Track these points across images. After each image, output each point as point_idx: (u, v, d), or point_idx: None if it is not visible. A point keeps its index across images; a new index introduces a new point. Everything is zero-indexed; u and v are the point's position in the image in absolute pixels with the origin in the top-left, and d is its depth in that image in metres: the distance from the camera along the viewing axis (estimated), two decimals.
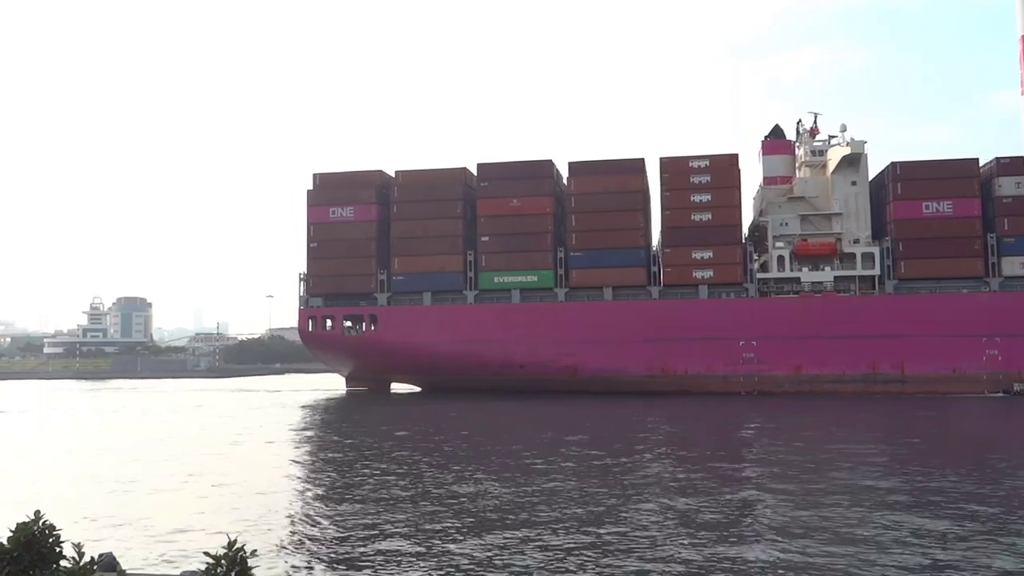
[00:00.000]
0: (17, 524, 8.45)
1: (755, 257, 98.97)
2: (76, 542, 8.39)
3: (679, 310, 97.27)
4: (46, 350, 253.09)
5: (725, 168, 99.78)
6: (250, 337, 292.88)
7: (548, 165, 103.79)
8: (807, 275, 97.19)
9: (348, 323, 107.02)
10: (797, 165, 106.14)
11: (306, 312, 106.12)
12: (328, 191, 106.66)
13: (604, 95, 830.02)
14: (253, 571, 7.94)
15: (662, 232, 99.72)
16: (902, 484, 32.61)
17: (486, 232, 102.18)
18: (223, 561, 7.72)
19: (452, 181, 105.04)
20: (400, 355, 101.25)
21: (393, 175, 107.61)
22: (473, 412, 74.21)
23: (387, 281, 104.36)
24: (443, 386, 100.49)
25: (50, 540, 8.35)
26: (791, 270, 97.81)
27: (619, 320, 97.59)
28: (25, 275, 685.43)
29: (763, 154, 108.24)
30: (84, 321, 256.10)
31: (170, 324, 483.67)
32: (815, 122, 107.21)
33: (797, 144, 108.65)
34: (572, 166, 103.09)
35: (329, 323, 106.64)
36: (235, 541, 8.01)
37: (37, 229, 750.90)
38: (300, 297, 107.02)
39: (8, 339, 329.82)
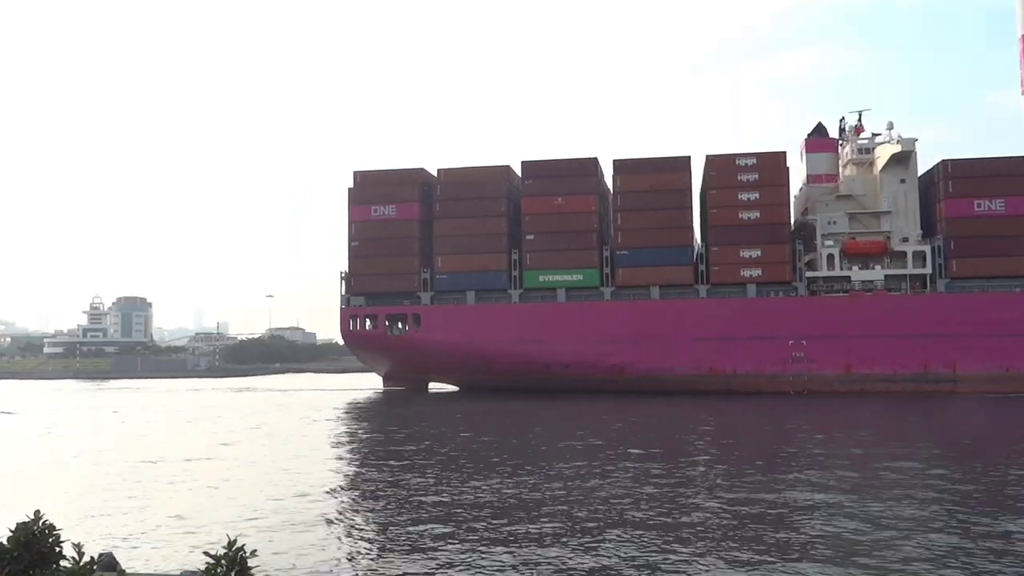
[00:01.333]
0: (17, 524, 8.39)
1: (802, 256, 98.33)
2: (76, 542, 8.34)
3: (727, 309, 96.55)
4: (46, 350, 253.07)
5: (773, 166, 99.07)
6: (250, 337, 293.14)
7: (593, 163, 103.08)
8: (857, 274, 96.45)
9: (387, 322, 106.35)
10: (842, 163, 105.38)
11: (348, 311, 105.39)
12: (369, 189, 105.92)
13: (602, 96, 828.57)
14: (253, 571, 7.88)
15: (709, 230, 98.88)
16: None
17: (530, 230, 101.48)
18: (223, 561, 7.66)
19: (495, 179, 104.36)
20: (443, 354, 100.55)
21: (435, 173, 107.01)
22: (531, 411, 73.52)
23: (430, 280, 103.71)
24: (483, 386, 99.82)
25: (50, 540, 8.31)
26: (841, 269, 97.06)
27: (667, 319, 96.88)
28: (25, 275, 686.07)
29: (806, 152, 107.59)
30: (84, 321, 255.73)
31: (170, 324, 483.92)
32: (859, 120, 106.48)
33: (841, 142, 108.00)
34: (617, 164, 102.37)
35: (368, 323, 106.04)
36: (235, 541, 7.93)
37: (37, 229, 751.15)
38: (341, 296, 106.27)
39: (8, 339, 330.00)
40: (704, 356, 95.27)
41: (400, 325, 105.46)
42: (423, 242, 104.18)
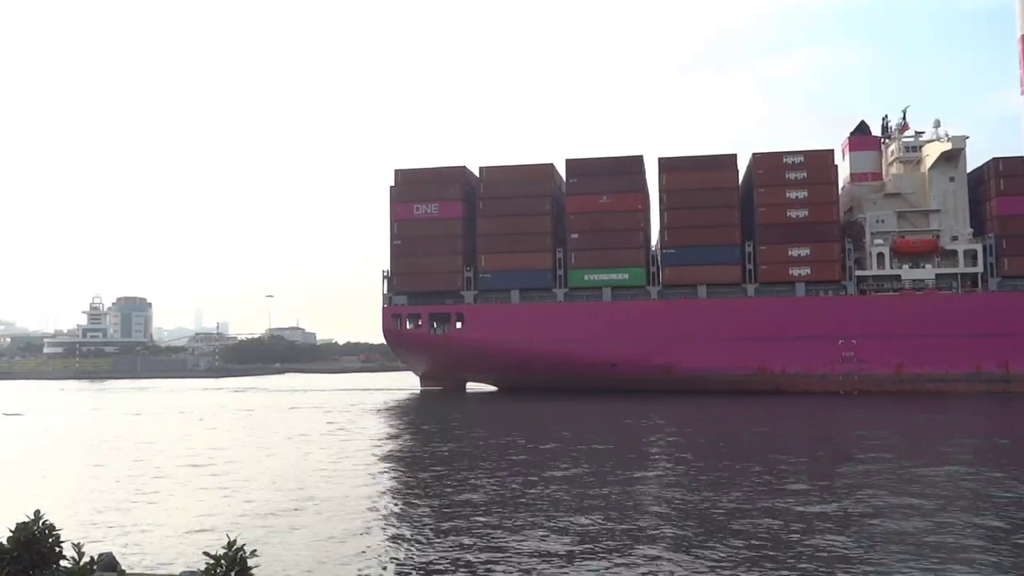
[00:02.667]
0: (17, 524, 8.33)
1: (851, 254, 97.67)
2: (76, 542, 8.30)
3: (776, 308, 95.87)
4: (46, 350, 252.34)
5: (821, 164, 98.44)
6: (250, 337, 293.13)
7: (638, 161, 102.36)
8: (908, 272, 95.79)
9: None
10: (888, 161, 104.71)
11: (390, 310, 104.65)
12: (411, 188, 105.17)
13: (603, 96, 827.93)
14: (253, 571, 7.84)
15: (756, 229, 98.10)
16: None
17: (575, 229, 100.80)
18: (223, 561, 7.61)
19: (540, 177, 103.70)
20: (487, 354, 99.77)
21: (476, 171, 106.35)
22: (592, 412, 72.71)
23: (474, 279, 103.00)
24: (524, 386, 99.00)
25: (50, 540, 8.27)
26: (891, 267, 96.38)
27: (715, 318, 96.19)
28: (25, 275, 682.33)
29: (849, 150, 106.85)
30: (84, 321, 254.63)
31: (170, 324, 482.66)
32: (904, 118, 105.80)
33: (883, 140, 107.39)
34: (663, 162, 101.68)
35: (410, 322, 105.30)
36: (235, 541, 7.90)
37: (37, 229, 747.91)
38: (384, 295, 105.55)
39: (8, 339, 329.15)
40: (752, 356, 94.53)
41: (441, 324, 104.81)
42: (466, 241, 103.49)
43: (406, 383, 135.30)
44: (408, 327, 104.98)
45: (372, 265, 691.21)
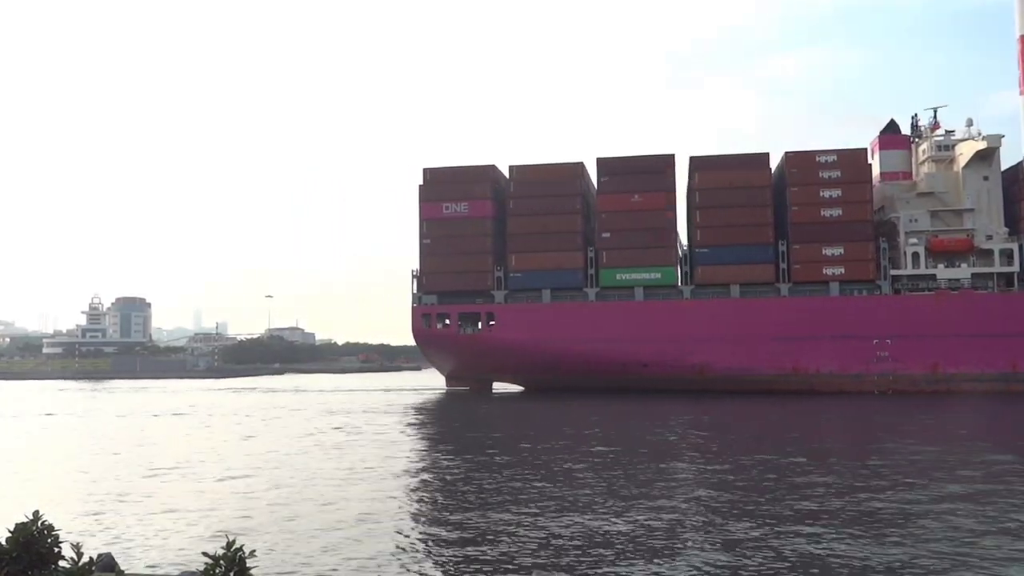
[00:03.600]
0: (16, 524, 8.33)
1: (886, 253, 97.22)
2: (75, 542, 8.29)
3: (810, 307, 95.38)
4: (45, 350, 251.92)
5: (854, 163, 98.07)
6: (249, 337, 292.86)
7: (670, 160, 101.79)
8: (943, 272, 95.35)
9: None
10: (920, 160, 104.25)
11: (419, 309, 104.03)
12: (440, 187, 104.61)
13: (584, 97, 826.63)
14: (251, 571, 7.83)
15: (789, 228, 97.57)
16: None
17: (607, 228, 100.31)
18: (222, 561, 7.61)
19: (570, 176, 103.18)
20: (519, 354, 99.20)
21: (505, 170, 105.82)
22: (634, 412, 72.16)
23: (504, 278, 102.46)
24: (555, 386, 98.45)
25: (49, 540, 8.28)
26: (925, 267, 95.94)
27: (748, 318, 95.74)
28: (24, 275, 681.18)
29: (879, 149, 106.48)
30: (83, 321, 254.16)
31: (169, 324, 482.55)
32: (935, 117, 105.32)
33: (913, 139, 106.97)
34: (694, 161, 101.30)
35: (439, 321, 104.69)
36: (234, 541, 7.87)
37: (37, 229, 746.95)
38: (413, 294, 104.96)
39: (7, 339, 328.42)
40: (786, 355, 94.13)
41: (469, 324, 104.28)
42: (496, 240, 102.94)
43: (416, 382, 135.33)
44: (438, 326, 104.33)
45: (372, 264, 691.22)
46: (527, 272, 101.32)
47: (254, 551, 8.07)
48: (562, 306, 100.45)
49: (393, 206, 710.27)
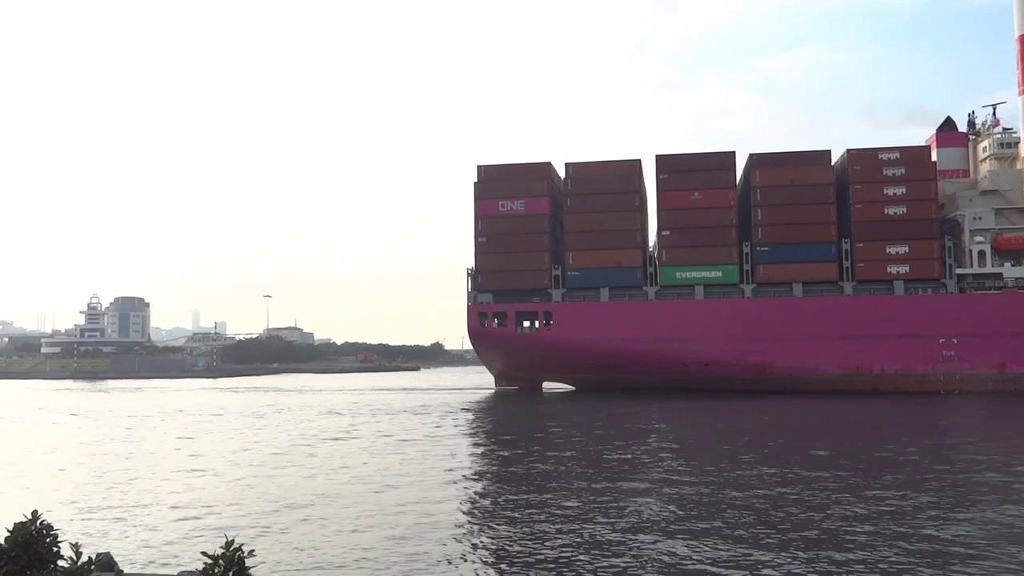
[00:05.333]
0: (15, 524, 8.34)
1: (951, 252, 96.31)
2: (74, 542, 8.28)
3: (875, 306, 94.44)
4: (44, 350, 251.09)
5: (919, 160, 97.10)
6: (248, 337, 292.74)
7: (731, 157, 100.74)
8: (1010, 271, 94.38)
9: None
10: (980, 158, 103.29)
11: (476, 308, 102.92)
12: (495, 184, 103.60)
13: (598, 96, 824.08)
14: (251, 571, 7.79)
15: (852, 226, 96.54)
16: None
17: (667, 226, 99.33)
18: (221, 561, 7.60)
19: (628, 173, 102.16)
20: (577, 353, 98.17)
21: (560, 167, 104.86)
22: (713, 412, 71.23)
23: (561, 276, 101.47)
24: (612, 385, 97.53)
25: (48, 540, 8.29)
26: (992, 265, 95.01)
27: (811, 317, 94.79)
28: (23, 274, 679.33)
29: (936, 147, 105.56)
30: (82, 321, 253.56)
31: (168, 324, 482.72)
32: (994, 113, 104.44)
33: (971, 136, 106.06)
34: (754, 158, 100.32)
35: (496, 320, 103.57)
36: (232, 541, 7.84)
37: (36, 228, 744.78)
38: (468, 293, 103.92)
39: (5, 339, 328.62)
40: (850, 355, 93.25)
41: (528, 323, 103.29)
42: (552, 238, 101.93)
43: (435, 382, 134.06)
44: (495, 325, 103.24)
45: (372, 265, 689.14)
46: (584, 270, 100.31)
47: (253, 551, 7.98)
48: (622, 305, 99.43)
49: (394, 206, 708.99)
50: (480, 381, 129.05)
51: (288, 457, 42.98)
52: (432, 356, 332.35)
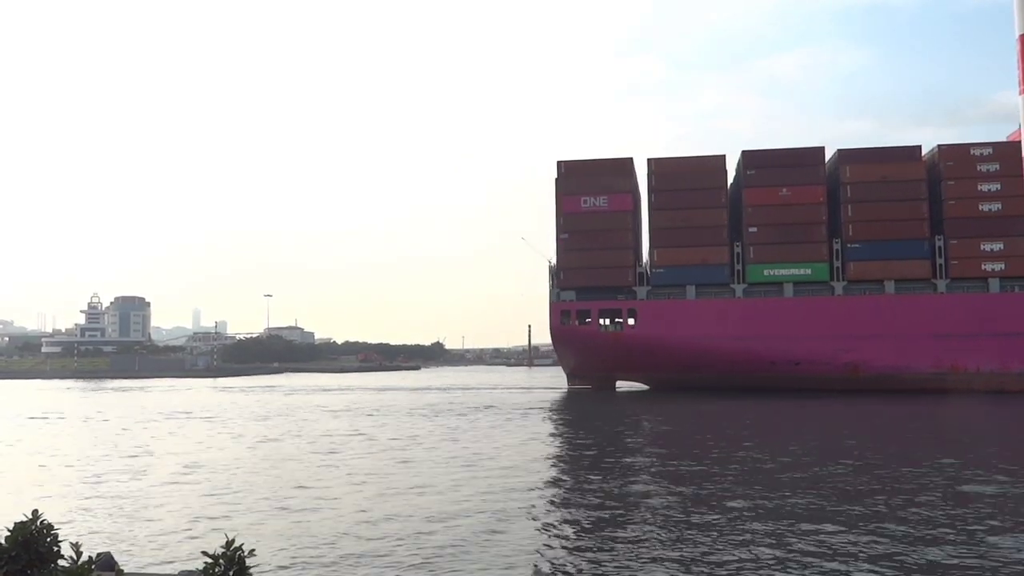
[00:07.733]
0: (15, 523, 8.27)
1: None
2: (74, 541, 8.18)
3: (970, 304, 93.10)
4: (44, 349, 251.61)
5: (1014, 155, 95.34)
6: (248, 336, 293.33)
7: (819, 152, 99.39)
8: None
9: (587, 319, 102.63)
10: None
11: (558, 306, 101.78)
12: (577, 180, 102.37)
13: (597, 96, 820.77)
14: (251, 571, 7.72)
15: (945, 223, 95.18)
16: None
17: (754, 222, 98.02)
18: (221, 561, 7.53)
19: (713, 170, 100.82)
20: (662, 351, 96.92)
21: (641, 163, 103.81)
22: (827, 413, 69.77)
23: (646, 274, 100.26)
24: (694, 384, 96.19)
25: (48, 539, 8.23)
26: None
27: (904, 315, 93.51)
28: (23, 274, 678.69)
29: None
30: (82, 320, 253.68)
31: (168, 323, 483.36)
32: None
33: None
34: (843, 153, 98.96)
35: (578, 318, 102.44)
36: (233, 541, 7.74)
37: (36, 228, 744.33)
38: (551, 290, 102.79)
39: (6, 338, 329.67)
40: (945, 353, 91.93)
41: (605, 320, 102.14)
42: (636, 234, 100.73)
43: (470, 381, 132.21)
44: (577, 323, 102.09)
45: (372, 264, 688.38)
46: (670, 267, 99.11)
47: (253, 550, 7.89)
48: (710, 303, 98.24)
49: (393, 206, 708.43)
50: (510, 380, 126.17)
51: (287, 455, 42.35)
52: (432, 356, 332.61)
